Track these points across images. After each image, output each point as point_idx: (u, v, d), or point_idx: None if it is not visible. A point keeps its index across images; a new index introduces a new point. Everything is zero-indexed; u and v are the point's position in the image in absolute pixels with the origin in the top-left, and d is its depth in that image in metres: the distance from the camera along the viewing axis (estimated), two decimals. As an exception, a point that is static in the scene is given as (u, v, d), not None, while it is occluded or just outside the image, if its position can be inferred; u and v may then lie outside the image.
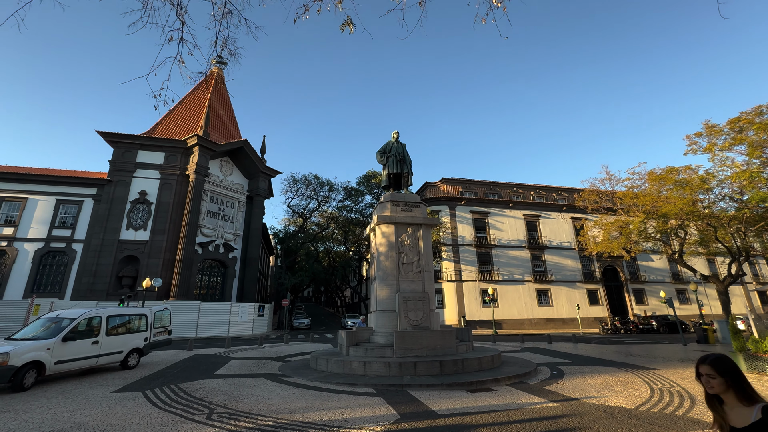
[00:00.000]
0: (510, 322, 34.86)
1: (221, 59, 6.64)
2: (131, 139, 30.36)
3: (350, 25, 4.87)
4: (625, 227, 25.83)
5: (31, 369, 8.83)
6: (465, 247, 36.79)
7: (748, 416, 1.88)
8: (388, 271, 12.60)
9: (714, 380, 1.99)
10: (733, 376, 1.95)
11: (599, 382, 9.38)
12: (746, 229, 23.11)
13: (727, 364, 1.99)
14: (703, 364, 2.05)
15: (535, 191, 43.81)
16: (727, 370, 1.97)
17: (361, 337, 12.56)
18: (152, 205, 29.57)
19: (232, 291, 32.46)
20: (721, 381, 1.97)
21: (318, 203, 48.17)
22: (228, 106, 39.58)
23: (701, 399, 7.55)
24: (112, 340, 11.35)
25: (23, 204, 28.02)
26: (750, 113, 19.36)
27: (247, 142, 34.36)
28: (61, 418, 6.48)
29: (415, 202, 13.86)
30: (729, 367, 1.98)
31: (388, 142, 15.08)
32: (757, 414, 1.84)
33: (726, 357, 2.03)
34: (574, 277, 38.65)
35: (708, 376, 2.01)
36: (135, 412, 6.85)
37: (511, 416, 6.41)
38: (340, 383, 9.23)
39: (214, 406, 7.21)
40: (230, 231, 33.12)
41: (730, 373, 1.96)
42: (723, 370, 1.98)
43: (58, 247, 27.69)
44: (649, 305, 39.42)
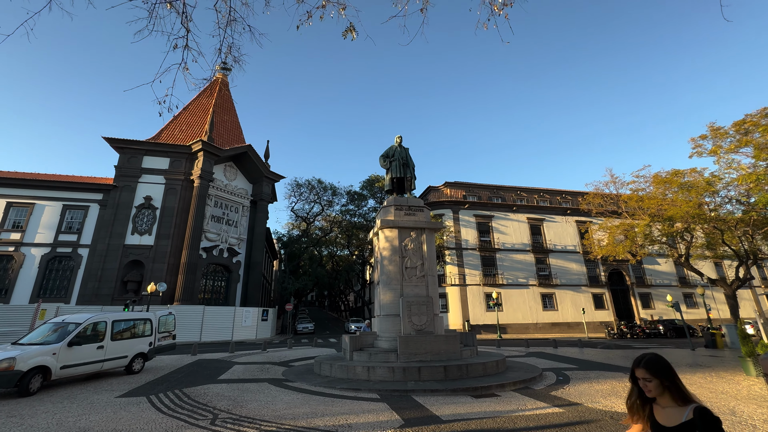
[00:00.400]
0: (515, 326, 34.60)
1: (225, 65, 6.71)
2: (137, 145, 30.66)
3: (353, 32, 4.91)
4: (631, 230, 25.64)
5: (37, 374, 8.87)
6: (469, 251, 36.66)
7: (679, 416, 1.86)
8: (391, 276, 12.57)
9: (650, 383, 1.95)
10: (669, 376, 1.92)
11: (606, 387, 9.27)
12: (754, 232, 22.86)
13: (662, 365, 1.95)
14: (638, 367, 2.00)
15: (539, 194, 43.63)
16: (661, 371, 1.94)
17: (364, 341, 12.51)
18: (157, 210, 29.78)
19: (236, 295, 32.51)
20: (657, 383, 1.94)
21: (321, 207, 48.27)
22: (232, 111, 39.90)
23: (710, 405, 7.44)
24: (117, 344, 11.39)
25: (30, 209, 28.32)
26: (755, 115, 19.21)
27: (251, 147, 34.57)
28: (67, 423, 6.50)
29: (419, 206, 13.85)
30: (664, 368, 1.94)
31: (391, 147, 15.11)
32: (689, 414, 1.82)
33: (660, 357, 1.99)
34: (579, 281, 38.35)
35: (644, 380, 1.97)
36: (139, 417, 6.86)
37: (516, 423, 6.35)
38: (344, 388, 9.19)
39: (218, 412, 7.21)
40: (234, 235, 33.25)
41: (666, 374, 1.93)
42: (657, 371, 1.94)
43: (64, 252, 27.92)
44: (655, 309, 38.99)
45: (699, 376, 10.80)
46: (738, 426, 6.07)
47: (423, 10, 4.78)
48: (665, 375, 1.93)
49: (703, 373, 11.49)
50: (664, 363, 1.96)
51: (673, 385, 1.91)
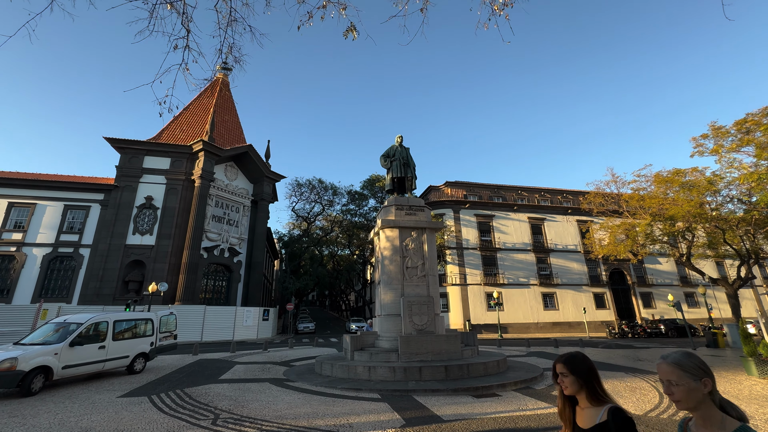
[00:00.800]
0: (515, 326, 34.58)
1: (226, 65, 6.72)
2: (138, 145, 30.69)
3: (353, 32, 4.90)
4: (632, 230, 25.60)
5: (38, 374, 8.89)
6: (469, 251, 36.64)
7: (595, 417, 1.81)
8: (392, 276, 12.58)
9: (567, 378, 1.91)
10: (585, 374, 1.87)
11: (607, 387, 9.09)
12: (755, 231, 22.80)
13: (580, 362, 1.91)
14: (558, 362, 1.96)
15: (540, 194, 43.57)
16: (577, 368, 1.89)
17: (365, 341, 12.52)
18: (158, 210, 29.82)
19: (237, 295, 32.55)
20: (573, 379, 1.89)
21: (322, 207, 48.29)
22: (233, 111, 39.92)
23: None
24: (119, 344, 11.42)
25: (32, 209, 28.37)
26: (757, 114, 19.16)
27: (251, 147, 34.59)
28: (68, 423, 6.51)
29: (419, 205, 13.84)
30: (581, 365, 1.89)
31: (391, 146, 15.11)
32: (603, 416, 1.78)
33: (581, 355, 1.95)
34: (580, 281, 38.30)
35: (561, 375, 1.93)
36: (141, 417, 6.87)
37: (517, 422, 6.35)
38: (345, 388, 9.20)
39: (219, 412, 7.22)
40: (235, 235, 33.28)
41: (583, 371, 1.87)
42: (574, 367, 1.90)
43: (66, 252, 27.98)
44: (656, 309, 38.92)
45: (700, 376, 10.77)
46: (740, 426, 6.06)
47: (423, 9, 4.78)
48: (581, 372, 1.87)
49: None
50: (582, 359, 1.92)
51: (588, 384, 1.86)
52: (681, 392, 1.55)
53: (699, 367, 1.57)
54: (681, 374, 1.56)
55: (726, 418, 1.52)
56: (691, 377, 1.55)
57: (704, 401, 1.55)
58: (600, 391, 1.86)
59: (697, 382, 1.54)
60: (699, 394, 1.54)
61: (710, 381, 1.55)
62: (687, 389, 1.54)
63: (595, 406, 1.84)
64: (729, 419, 1.51)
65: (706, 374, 1.56)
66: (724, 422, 1.51)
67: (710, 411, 1.55)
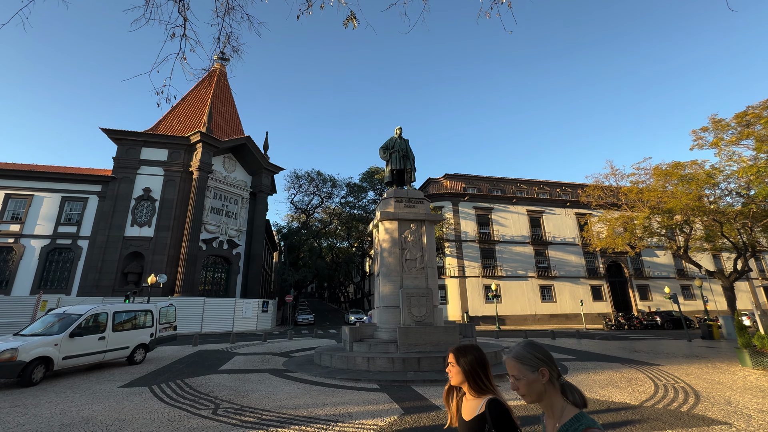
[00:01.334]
0: (513, 318, 34.86)
1: (224, 55, 6.62)
2: (135, 136, 30.46)
3: (354, 21, 4.83)
4: (630, 223, 25.68)
5: (39, 364, 8.94)
6: (468, 243, 36.74)
7: (476, 408, 1.79)
8: (391, 268, 12.61)
9: (453, 368, 1.89)
10: (471, 366, 1.84)
11: (603, 378, 9.37)
12: (753, 224, 22.90)
13: (468, 351, 1.88)
14: (449, 351, 1.95)
15: (539, 187, 43.58)
16: (464, 357, 1.87)
17: (364, 333, 12.60)
18: (156, 201, 29.72)
19: (236, 287, 32.64)
20: (458, 369, 1.87)
21: (321, 199, 48.20)
22: (230, 102, 39.57)
23: (706, 395, 7.54)
24: (119, 335, 11.47)
25: (29, 201, 28.24)
26: (757, 107, 19.09)
27: (250, 138, 34.37)
28: (70, 412, 6.56)
29: (418, 198, 13.83)
30: (469, 357, 1.87)
31: (391, 138, 15.03)
32: (482, 407, 1.76)
33: (471, 346, 1.93)
34: (578, 273, 38.53)
35: (450, 364, 1.92)
36: (142, 407, 6.93)
37: (515, 411, 6.42)
38: (344, 379, 9.28)
39: (219, 402, 7.28)
40: (234, 227, 33.25)
41: (468, 363, 1.85)
42: (461, 356, 1.88)
43: (64, 244, 27.93)
44: (653, 301, 39.26)
45: (695, 367, 10.92)
46: (733, 416, 6.15)
47: (424, -2, 4.69)
48: (467, 363, 1.85)
49: (699, 363, 11.61)
50: (471, 350, 1.91)
51: (473, 375, 1.83)
52: (523, 386, 1.53)
53: (536, 357, 1.54)
54: (521, 368, 1.54)
55: (566, 407, 1.49)
56: (529, 369, 1.52)
57: (546, 391, 1.52)
58: (483, 383, 1.83)
59: (535, 373, 1.51)
60: (539, 384, 1.51)
61: (547, 370, 1.52)
62: (527, 382, 1.52)
63: (477, 397, 1.83)
64: (569, 407, 1.49)
65: (544, 363, 1.53)
66: (563, 410, 1.49)
67: (552, 400, 1.52)
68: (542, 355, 1.55)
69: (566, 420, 1.44)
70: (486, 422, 1.70)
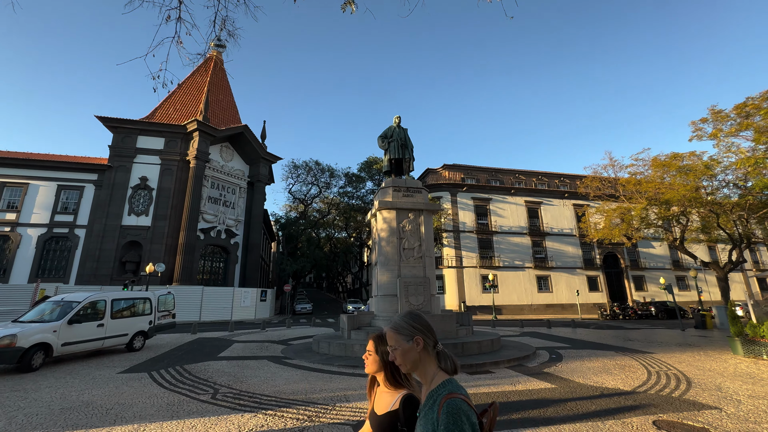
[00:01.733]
0: (510, 307, 35.20)
1: (220, 42, 6.52)
2: (130, 124, 30.13)
3: (352, 5, 4.74)
4: (627, 214, 25.74)
5: (38, 350, 9.00)
6: (466, 234, 36.85)
7: (389, 403, 1.65)
8: (389, 257, 12.66)
9: (370, 357, 1.77)
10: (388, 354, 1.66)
11: (597, 365, 9.52)
12: (748, 216, 23.00)
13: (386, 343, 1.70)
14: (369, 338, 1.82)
15: (537, 178, 43.58)
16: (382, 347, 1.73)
17: (362, 321, 12.71)
18: (153, 190, 29.56)
19: (235, 276, 32.74)
20: (375, 359, 1.75)
21: (319, 189, 48.05)
22: (227, 90, 39.10)
23: (697, 381, 7.68)
24: (117, 323, 11.52)
25: (24, 189, 28.03)
26: (757, 98, 18.98)
27: (247, 127, 34.06)
28: (70, 397, 6.63)
29: (417, 187, 13.81)
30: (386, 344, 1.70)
31: (389, 127, 14.92)
32: (396, 403, 1.62)
33: None
34: (575, 264, 38.81)
35: (368, 352, 1.79)
36: (141, 392, 7.00)
37: (509, 397, 6.53)
38: (342, 365, 9.39)
39: (218, 387, 7.36)
40: (232, 217, 33.19)
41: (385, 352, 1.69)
42: (379, 346, 1.75)
43: (61, 233, 27.84)
44: (648, 291, 39.68)
45: (688, 355, 11.10)
46: (723, 401, 6.28)
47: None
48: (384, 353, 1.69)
49: (691, 351, 11.80)
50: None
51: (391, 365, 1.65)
52: (398, 355, 1.50)
53: (412, 326, 1.52)
54: (397, 337, 1.52)
55: (437, 374, 1.47)
56: (404, 338, 1.50)
57: (421, 359, 1.49)
58: (401, 376, 1.68)
59: (410, 342, 1.50)
60: (414, 353, 1.49)
61: (421, 339, 1.49)
62: (402, 351, 1.50)
63: (393, 391, 1.69)
64: (440, 374, 1.47)
65: (419, 332, 1.51)
66: (434, 377, 1.47)
67: (426, 368, 1.50)
68: (419, 324, 1.54)
69: (435, 386, 1.43)
70: (398, 420, 1.57)
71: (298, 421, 5.32)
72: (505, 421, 5.28)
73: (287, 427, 5.11)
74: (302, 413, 5.70)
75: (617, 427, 5.02)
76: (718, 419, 5.34)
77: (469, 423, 1.25)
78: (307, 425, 5.16)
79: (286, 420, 5.39)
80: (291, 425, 5.16)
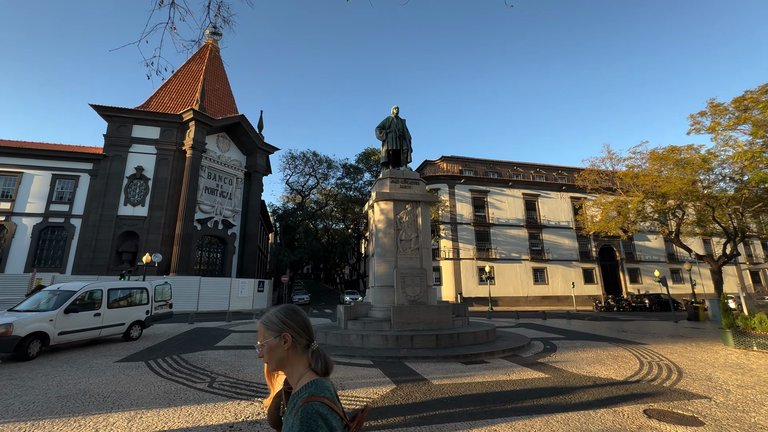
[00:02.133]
0: (506, 299, 35.49)
1: (215, 29, 6.39)
2: (125, 113, 29.75)
3: (348, -10, 4.65)
4: (624, 207, 25.84)
5: (35, 339, 9.01)
6: (463, 226, 36.93)
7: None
8: (386, 248, 12.67)
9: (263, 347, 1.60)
10: None
11: (591, 355, 9.64)
12: (744, 209, 23.16)
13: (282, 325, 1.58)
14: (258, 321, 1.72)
15: (535, 170, 43.58)
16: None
17: (359, 311, 12.78)
18: (149, 180, 29.34)
19: (232, 267, 32.75)
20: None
21: (317, 180, 47.91)
22: (224, 79, 38.59)
23: (688, 372, 7.80)
24: (114, 312, 11.54)
25: (19, 178, 27.75)
26: (756, 92, 18.94)
27: (244, 117, 33.72)
28: (67, 385, 6.66)
29: (414, 179, 13.77)
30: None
31: (387, 118, 14.82)
32: None
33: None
34: (571, 256, 39.06)
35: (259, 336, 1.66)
36: (139, 380, 7.04)
37: (503, 386, 6.62)
38: (339, 355, 9.46)
39: (215, 375, 7.41)
40: (229, 207, 33.06)
41: None
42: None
43: (57, 222, 27.66)
44: (643, 284, 40.08)
45: (680, 346, 11.26)
46: (713, 390, 6.39)
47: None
48: None
49: (684, 343, 11.97)
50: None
51: None
52: (265, 352, 1.39)
53: (282, 322, 1.41)
54: (265, 333, 1.40)
55: (304, 375, 1.36)
56: (272, 334, 1.39)
57: (288, 358, 1.39)
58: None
59: (277, 338, 1.38)
60: (280, 351, 1.37)
61: (290, 336, 1.38)
62: (268, 347, 1.38)
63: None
64: (307, 374, 1.36)
65: (289, 328, 1.40)
66: (301, 378, 1.37)
67: (293, 368, 1.39)
68: (290, 320, 1.42)
69: (299, 388, 1.32)
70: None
71: (294, 409, 5.37)
72: (499, 410, 5.36)
73: (283, 415, 5.15)
74: (298, 401, 5.74)
75: (609, 415, 5.10)
76: (707, 408, 5.44)
77: (327, 427, 1.16)
78: (303, 413, 5.21)
79: (283, 408, 5.44)
80: (287, 413, 5.21)
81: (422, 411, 5.31)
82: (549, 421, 4.88)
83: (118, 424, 4.83)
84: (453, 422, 4.85)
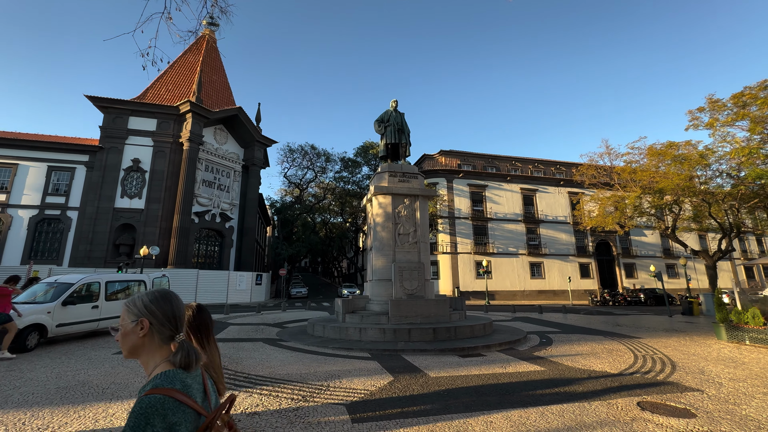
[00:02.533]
0: (503, 293, 35.74)
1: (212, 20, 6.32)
2: (122, 105, 29.46)
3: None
4: (621, 202, 25.95)
5: (33, 331, 9.03)
6: (461, 220, 37.02)
7: None
8: (384, 242, 12.70)
9: None
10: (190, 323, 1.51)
11: (586, 349, 9.75)
12: (740, 205, 23.32)
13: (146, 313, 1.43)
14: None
15: (534, 165, 43.61)
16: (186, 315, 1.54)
17: (357, 305, 12.84)
18: (146, 173, 29.18)
19: (230, 260, 32.77)
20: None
21: (315, 174, 47.80)
22: (221, 71, 38.22)
23: (682, 365, 7.91)
24: (112, 304, 11.54)
25: (14, 170, 27.52)
26: (754, 88, 18.95)
27: (241, 109, 33.47)
28: (65, 376, 6.68)
29: (413, 173, 13.76)
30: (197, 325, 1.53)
31: (386, 111, 14.75)
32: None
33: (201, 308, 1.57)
34: (568, 251, 39.29)
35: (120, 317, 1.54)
36: (137, 371, 7.07)
37: (500, 379, 6.69)
38: (337, 348, 9.53)
39: (214, 368, 7.44)
40: (226, 200, 32.97)
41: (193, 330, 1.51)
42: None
43: (53, 215, 27.52)
44: (638, 279, 40.42)
45: (674, 340, 11.39)
46: (705, 383, 6.49)
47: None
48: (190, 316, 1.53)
49: (677, 337, 12.12)
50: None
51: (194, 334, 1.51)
52: (120, 336, 1.30)
53: (145, 306, 1.31)
54: (125, 315, 1.32)
55: (159, 365, 1.27)
56: (131, 317, 1.30)
57: (144, 346, 1.29)
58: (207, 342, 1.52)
59: (134, 323, 1.29)
60: (134, 337, 1.28)
61: (147, 322, 1.29)
62: (123, 332, 1.29)
63: None
64: (162, 365, 1.26)
65: (151, 315, 1.30)
66: (155, 369, 1.27)
67: (148, 358, 1.30)
68: (156, 306, 1.32)
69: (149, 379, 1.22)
70: None
71: (292, 401, 5.42)
72: (495, 402, 5.43)
73: (282, 406, 5.20)
74: (297, 393, 5.80)
75: (603, 407, 5.17)
76: (699, 401, 5.53)
77: (163, 424, 1.05)
78: (301, 405, 5.26)
79: (281, 399, 5.49)
80: (286, 405, 5.26)
81: (420, 403, 5.38)
82: (544, 413, 4.94)
83: (117, 414, 4.87)
84: (450, 413, 4.92)
